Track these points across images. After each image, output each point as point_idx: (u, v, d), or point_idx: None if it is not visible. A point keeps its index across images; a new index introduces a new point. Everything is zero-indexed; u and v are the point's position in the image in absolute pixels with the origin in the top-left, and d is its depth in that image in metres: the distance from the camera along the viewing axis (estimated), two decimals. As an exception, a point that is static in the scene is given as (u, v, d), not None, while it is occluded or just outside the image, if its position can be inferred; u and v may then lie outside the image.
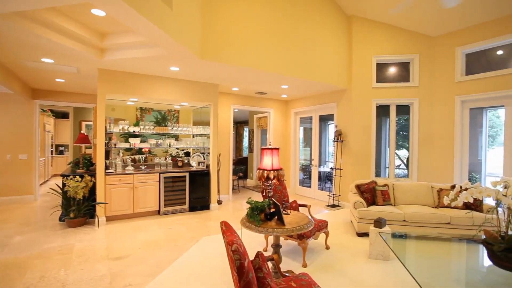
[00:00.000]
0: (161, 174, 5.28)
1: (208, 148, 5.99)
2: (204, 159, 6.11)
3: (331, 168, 6.67)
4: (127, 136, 5.56)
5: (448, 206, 4.20)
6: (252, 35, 4.56)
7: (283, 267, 3.12)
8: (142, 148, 5.77)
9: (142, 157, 5.78)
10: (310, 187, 7.42)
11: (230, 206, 6.27)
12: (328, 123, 7.69)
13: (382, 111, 6.09)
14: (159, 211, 5.30)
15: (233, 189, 7.89)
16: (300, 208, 3.86)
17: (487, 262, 2.42)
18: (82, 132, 5.46)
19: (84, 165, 5.19)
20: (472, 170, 5.51)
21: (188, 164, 6.12)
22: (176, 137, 6.17)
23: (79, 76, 5.10)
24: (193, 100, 5.62)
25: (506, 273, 2.31)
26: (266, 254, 3.54)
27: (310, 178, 7.44)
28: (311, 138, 7.40)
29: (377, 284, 2.84)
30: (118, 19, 2.79)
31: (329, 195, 6.46)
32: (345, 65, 5.96)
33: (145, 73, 5.02)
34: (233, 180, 7.74)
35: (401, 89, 5.83)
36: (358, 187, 4.60)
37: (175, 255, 3.52)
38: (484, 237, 2.42)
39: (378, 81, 5.93)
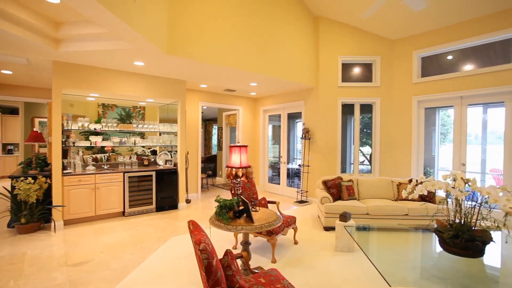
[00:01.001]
0: (125, 174, 5.03)
1: (176, 146, 5.83)
2: (171, 157, 5.93)
3: (299, 165, 6.83)
4: (87, 134, 5.21)
5: (406, 199, 4.51)
6: (220, 32, 4.50)
7: (253, 263, 3.14)
8: (104, 147, 5.45)
9: (104, 156, 5.46)
10: (279, 184, 7.54)
11: (199, 205, 6.16)
12: (296, 120, 7.86)
13: (347, 109, 6.36)
14: (123, 212, 5.05)
15: (202, 187, 7.76)
16: (269, 205, 3.90)
17: (438, 248, 2.64)
18: (34, 129, 5.00)
19: (37, 166, 4.78)
20: (427, 165, 5.96)
21: (155, 163, 5.90)
22: (141, 135, 5.92)
23: (30, 68, 4.67)
24: (159, 96, 5.42)
25: (455, 257, 2.53)
26: (235, 251, 3.53)
27: (279, 175, 7.56)
28: (280, 136, 7.51)
29: (343, 275, 2.97)
30: (72, 6, 2.57)
31: (297, 192, 6.62)
32: (312, 64, 6.11)
33: (107, 67, 4.73)
34: (202, 178, 7.62)
35: (364, 89, 6.12)
36: (324, 183, 4.76)
37: (141, 257, 3.38)
38: (436, 226, 2.63)
39: (343, 80, 6.17)
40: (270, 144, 8.09)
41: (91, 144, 5.06)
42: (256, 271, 2.46)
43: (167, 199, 5.51)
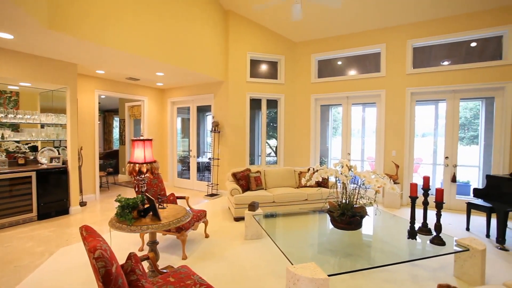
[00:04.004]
0: (-11, 177, 3.96)
1: (65, 140, 4.93)
2: (59, 154, 4.99)
3: (209, 159, 6.81)
4: None
5: (305, 186, 5.07)
6: (121, 13, 3.99)
7: (163, 263, 2.98)
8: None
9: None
10: (189, 178, 7.34)
11: (97, 207, 5.42)
12: (206, 114, 7.78)
13: (255, 104, 6.67)
14: (-13, 225, 3.98)
15: (101, 187, 6.86)
16: (178, 200, 3.75)
17: (330, 226, 3.07)
18: None
19: None
20: (322, 155, 6.86)
21: (36, 161, 4.85)
22: (14, 127, 4.75)
23: None
24: (40, 80, 4.44)
25: (342, 231, 3.01)
26: (142, 253, 3.26)
27: (189, 170, 7.36)
28: (189, 129, 7.29)
29: (253, 261, 3.13)
30: None
31: (208, 185, 6.59)
32: (222, 57, 6.12)
33: (-46, 36, 3.57)
34: (101, 176, 6.73)
35: (271, 85, 6.54)
36: (234, 175, 4.89)
37: (16, 279, 2.73)
38: (328, 207, 3.06)
39: (251, 76, 6.42)
40: (179, 138, 7.76)
41: None
42: (165, 271, 2.33)
43: (53, 204, 4.63)
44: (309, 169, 5.31)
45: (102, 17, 3.77)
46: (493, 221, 3.81)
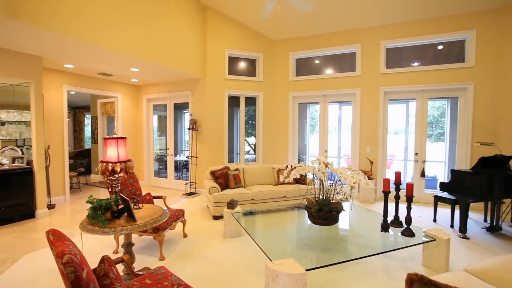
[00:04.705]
0: None
1: (30, 139, 4.62)
2: (23, 153, 4.67)
3: (187, 157, 6.68)
4: None
5: (284, 183, 5.12)
6: (89, 3, 3.78)
7: (139, 265, 2.89)
8: None
9: None
10: (166, 177, 7.17)
11: (67, 209, 5.14)
12: (184, 111, 7.62)
13: (234, 101, 6.63)
14: None
15: (71, 188, 6.52)
16: (155, 200, 3.65)
17: (308, 222, 3.13)
18: None
19: None
20: (300, 152, 6.97)
21: (-4, 162, 4.51)
22: (-30, 124, 4.38)
23: None
24: (-1, 74, 4.12)
25: (319, 227, 3.07)
26: (117, 255, 3.14)
27: (166, 168, 7.19)
28: (167, 127, 7.11)
29: (232, 259, 3.11)
30: None
31: (186, 184, 6.48)
32: (200, 54, 6.01)
33: None
34: (72, 177, 6.39)
35: (249, 83, 6.52)
36: (212, 173, 4.84)
37: (-27, 288, 2.53)
38: (306, 203, 3.11)
39: (230, 73, 6.37)
40: (156, 136, 7.55)
41: None
42: (141, 273, 2.26)
43: (16, 208, 4.32)
44: (287, 166, 5.37)
45: (67, 6, 3.55)
46: (457, 212, 4.07)
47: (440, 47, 5.44)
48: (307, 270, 2.04)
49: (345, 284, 2.58)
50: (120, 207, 2.36)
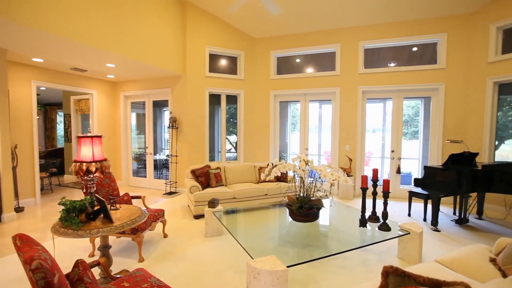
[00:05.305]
0: None
1: (-5, 138, 4.32)
2: (-12, 153, 4.36)
3: (167, 156, 6.54)
4: None
5: (265, 181, 5.15)
6: (61, -7, 3.58)
7: (117, 267, 2.79)
8: None
9: None
10: (145, 177, 6.98)
11: (38, 212, 4.88)
12: (164, 109, 7.45)
13: (215, 99, 6.55)
14: None
15: (42, 189, 6.20)
16: (133, 200, 3.55)
17: (289, 219, 3.16)
18: None
19: None
20: (282, 150, 7.02)
21: (-43, 162, 4.19)
22: None
23: None
24: (-40, 68, 3.81)
25: (300, 223, 3.11)
26: (93, 259, 3.02)
27: (145, 167, 7.00)
28: (145, 125, 6.92)
29: (213, 257, 3.09)
30: None
31: (166, 183, 6.34)
32: (179, 50, 5.88)
33: None
34: (43, 178, 6.07)
35: (230, 81, 6.47)
36: (193, 172, 4.77)
37: None
38: (287, 201, 3.14)
39: (211, 70, 6.29)
40: (134, 134, 7.32)
41: None
42: (119, 275, 2.19)
43: (-18, 210, 4.05)
44: (268, 164, 5.40)
45: (40, -1, 3.34)
46: (429, 207, 4.27)
47: (414, 48, 5.66)
48: (288, 266, 2.06)
49: (325, 278, 2.64)
50: (96, 208, 2.27)
